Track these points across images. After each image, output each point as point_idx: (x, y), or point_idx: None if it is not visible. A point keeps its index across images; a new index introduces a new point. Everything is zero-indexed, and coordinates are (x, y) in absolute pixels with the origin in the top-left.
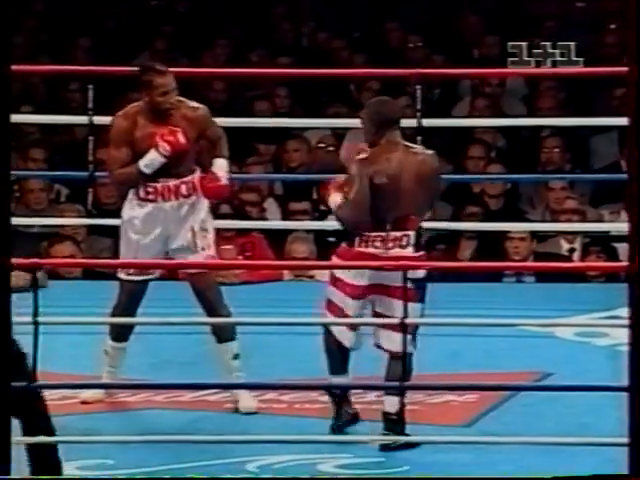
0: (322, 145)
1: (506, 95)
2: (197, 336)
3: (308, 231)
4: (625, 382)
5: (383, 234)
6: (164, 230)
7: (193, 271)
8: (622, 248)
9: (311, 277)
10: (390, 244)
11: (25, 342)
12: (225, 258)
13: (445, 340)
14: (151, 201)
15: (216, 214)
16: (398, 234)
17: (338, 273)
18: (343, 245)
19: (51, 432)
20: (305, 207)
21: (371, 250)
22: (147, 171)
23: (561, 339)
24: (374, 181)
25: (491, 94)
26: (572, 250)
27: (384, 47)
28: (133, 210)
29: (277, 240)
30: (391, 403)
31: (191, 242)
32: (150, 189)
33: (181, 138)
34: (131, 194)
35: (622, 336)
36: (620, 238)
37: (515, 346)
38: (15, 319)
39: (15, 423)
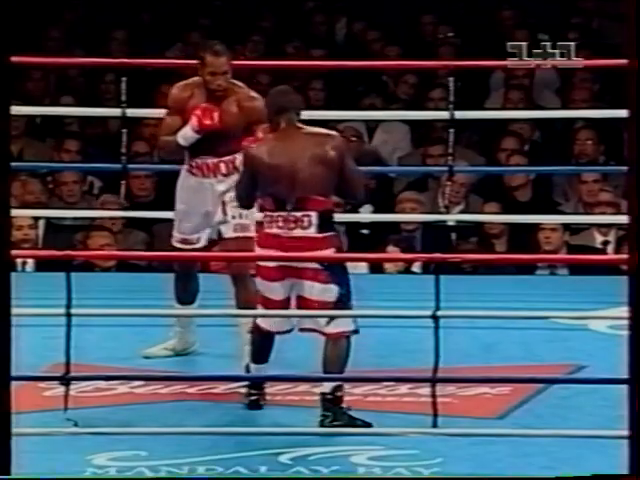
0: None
1: (539, 87)
2: (231, 328)
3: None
4: None
5: (284, 214)
6: (203, 205)
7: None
8: None
9: None
10: (292, 224)
11: (58, 333)
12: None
13: (479, 333)
14: (194, 175)
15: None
16: (299, 214)
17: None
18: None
19: None
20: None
21: (275, 230)
22: (183, 143)
23: (594, 331)
24: (270, 163)
25: (525, 86)
26: (606, 243)
27: (418, 39)
28: (182, 180)
29: None
30: (327, 384)
31: (222, 212)
32: (193, 163)
33: (215, 117)
34: (185, 164)
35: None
36: None
37: (549, 339)
38: (48, 311)
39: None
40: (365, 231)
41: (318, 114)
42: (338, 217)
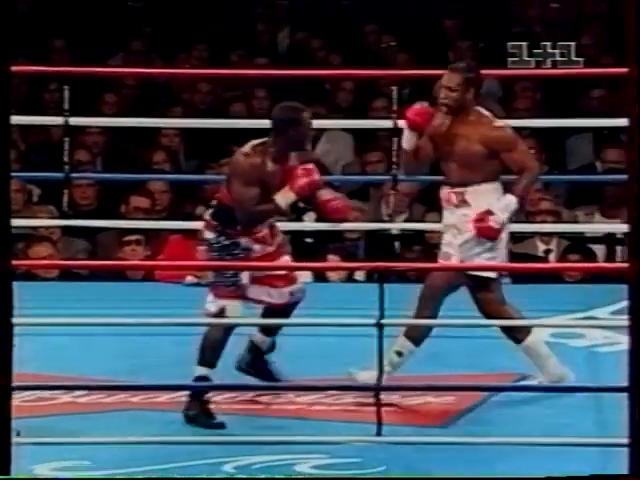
0: None
1: (482, 96)
2: (175, 337)
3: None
4: (603, 383)
5: None
6: None
7: None
8: (599, 250)
9: None
10: None
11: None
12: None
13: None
14: None
15: (193, 216)
16: None
17: None
18: None
19: None
20: None
21: None
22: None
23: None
24: None
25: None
26: (548, 251)
27: (362, 48)
28: None
29: None
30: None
31: None
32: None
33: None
34: None
35: (598, 337)
36: (596, 239)
37: (493, 347)
38: None
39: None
40: (309, 240)
41: (262, 123)
42: (282, 226)
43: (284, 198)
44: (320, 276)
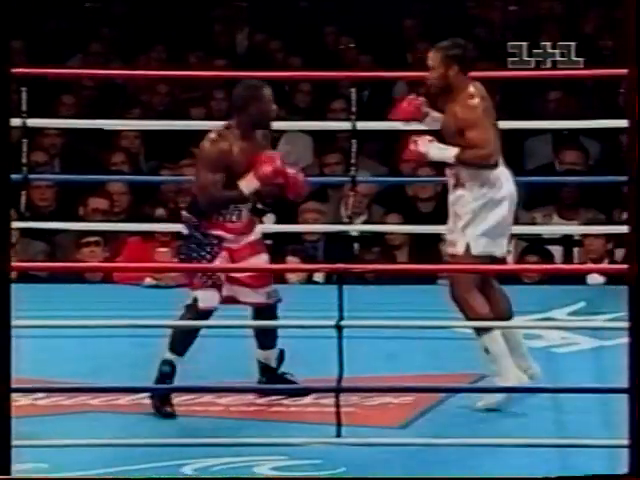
0: None
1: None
2: (134, 339)
3: None
4: (562, 384)
5: None
6: None
7: None
8: (557, 251)
9: None
10: None
11: None
12: (160, 261)
13: (382, 342)
14: None
15: (152, 218)
16: None
17: None
18: None
19: None
20: None
21: None
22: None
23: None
24: None
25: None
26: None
27: (320, 49)
28: None
29: None
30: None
31: None
32: None
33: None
34: None
35: (556, 338)
36: (553, 241)
37: (451, 348)
38: None
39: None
40: (268, 241)
41: (221, 124)
42: None
43: (247, 185)
44: (279, 278)
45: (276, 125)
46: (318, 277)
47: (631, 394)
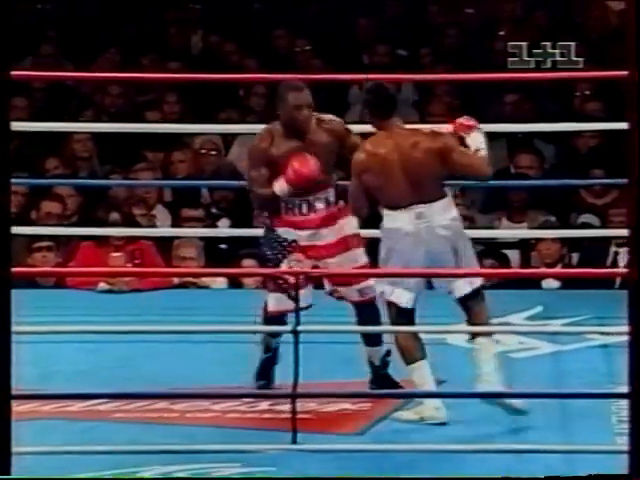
0: (204, 150)
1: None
2: (89, 345)
3: (201, 238)
4: (519, 388)
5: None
6: None
7: None
8: (512, 254)
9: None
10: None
11: None
12: (114, 266)
13: (338, 347)
14: None
15: (105, 222)
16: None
17: None
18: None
19: None
20: (198, 214)
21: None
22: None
23: (453, 346)
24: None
25: None
26: None
27: (275, 52)
28: None
29: (166, 247)
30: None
31: None
32: None
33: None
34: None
35: (513, 342)
36: (509, 245)
37: None
38: None
39: None
40: (223, 246)
41: (173, 127)
42: (197, 232)
43: (280, 188)
44: (235, 282)
45: (229, 128)
46: None
47: (632, 399)
